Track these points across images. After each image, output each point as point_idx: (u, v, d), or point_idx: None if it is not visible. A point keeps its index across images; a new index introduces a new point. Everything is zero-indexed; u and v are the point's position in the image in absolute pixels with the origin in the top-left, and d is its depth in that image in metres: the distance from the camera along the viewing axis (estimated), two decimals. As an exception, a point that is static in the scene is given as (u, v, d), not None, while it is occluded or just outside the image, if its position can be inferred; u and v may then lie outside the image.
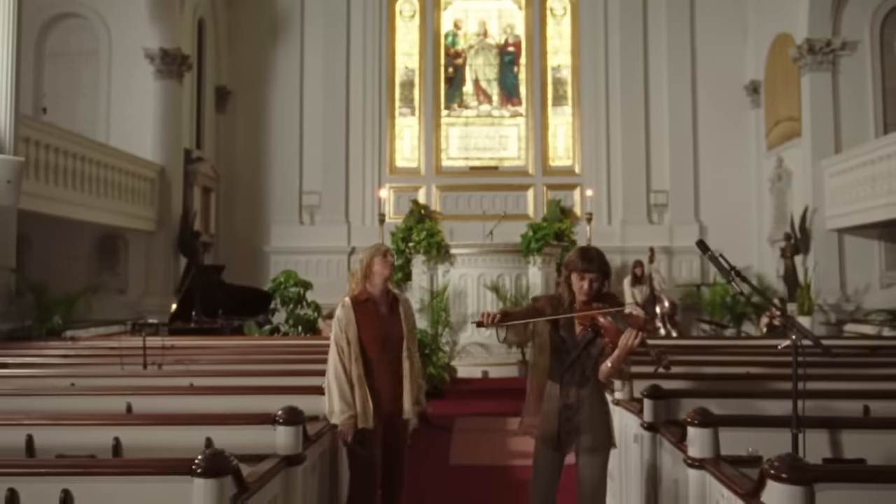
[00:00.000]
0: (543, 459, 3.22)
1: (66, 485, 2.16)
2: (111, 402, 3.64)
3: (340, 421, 3.45)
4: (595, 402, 3.19)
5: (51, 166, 9.65)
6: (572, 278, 3.20)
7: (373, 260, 3.67)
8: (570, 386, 3.16)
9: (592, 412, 3.16)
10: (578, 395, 3.16)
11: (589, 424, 3.15)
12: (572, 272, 3.19)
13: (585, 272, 3.15)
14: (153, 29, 12.46)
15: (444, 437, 6.98)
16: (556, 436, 3.16)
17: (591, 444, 3.14)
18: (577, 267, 3.17)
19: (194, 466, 2.14)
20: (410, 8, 15.41)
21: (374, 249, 3.75)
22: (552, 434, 3.17)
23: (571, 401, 3.15)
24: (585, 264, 3.16)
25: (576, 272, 3.17)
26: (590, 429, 3.15)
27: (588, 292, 3.14)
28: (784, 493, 1.98)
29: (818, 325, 11.61)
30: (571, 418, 3.15)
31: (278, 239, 14.70)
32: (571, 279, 3.20)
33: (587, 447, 3.15)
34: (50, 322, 8.14)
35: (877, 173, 10.73)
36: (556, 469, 3.23)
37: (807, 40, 12.09)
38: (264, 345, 7.24)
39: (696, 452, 2.81)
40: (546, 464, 3.22)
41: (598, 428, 3.17)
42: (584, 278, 3.15)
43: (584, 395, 3.16)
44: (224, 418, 3.11)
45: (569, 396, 3.16)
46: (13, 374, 4.86)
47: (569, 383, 3.16)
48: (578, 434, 3.15)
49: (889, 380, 4.14)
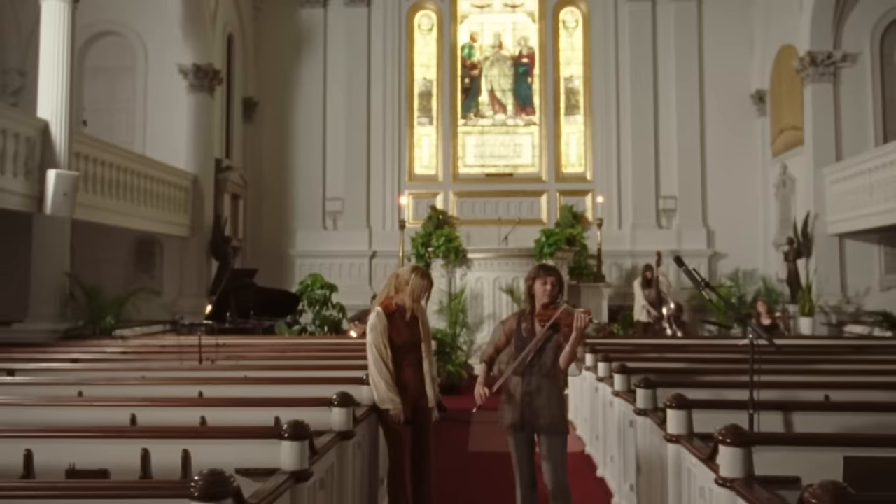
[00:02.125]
0: (517, 442, 3.89)
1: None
2: (185, 390, 4.33)
3: (392, 407, 4.16)
4: (552, 390, 3.85)
5: (97, 178, 10.39)
6: (536, 285, 3.89)
7: (418, 293, 4.29)
8: (531, 376, 3.82)
9: (550, 398, 3.82)
10: (538, 384, 3.82)
11: (547, 408, 3.80)
12: (535, 280, 3.90)
13: (547, 276, 3.88)
14: (186, 46, 13.20)
15: (462, 428, 7.61)
16: (521, 417, 3.81)
17: (549, 424, 3.79)
18: (539, 275, 3.92)
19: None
20: (428, 22, 16.09)
21: (424, 283, 4.33)
22: (517, 417, 3.82)
23: (532, 388, 3.81)
24: (545, 272, 3.92)
25: (538, 279, 3.90)
26: (548, 412, 3.80)
27: (550, 294, 3.85)
28: (728, 454, 2.61)
29: (819, 326, 12.14)
30: (531, 403, 3.81)
31: (303, 243, 15.40)
32: (535, 286, 3.89)
33: (546, 427, 3.79)
34: (103, 322, 8.87)
35: (875, 181, 11.23)
36: (529, 448, 3.90)
37: (809, 53, 12.60)
38: (298, 343, 7.94)
39: (674, 430, 3.44)
40: (520, 445, 3.88)
41: (555, 411, 3.83)
42: (546, 283, 3.86)
43: (542, 383, 3.82)
44: (286, 401, 3.79)
45: (530, 384, 3.82)
46: (91, 367, 5.56)
47: (529, 374, 3.82)
48: (538, 416, 3.80)
49: (849, 374, 4.75)
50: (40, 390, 4.45)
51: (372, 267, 15.22)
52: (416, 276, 4.32)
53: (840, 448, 2.67)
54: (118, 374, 5.16)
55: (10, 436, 2.95)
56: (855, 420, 3.49)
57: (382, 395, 4.18)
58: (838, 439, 2.91)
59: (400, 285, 4.33)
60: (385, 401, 4.18)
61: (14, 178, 8.35)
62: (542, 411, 3.80)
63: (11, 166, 8.31)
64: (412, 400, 4.30)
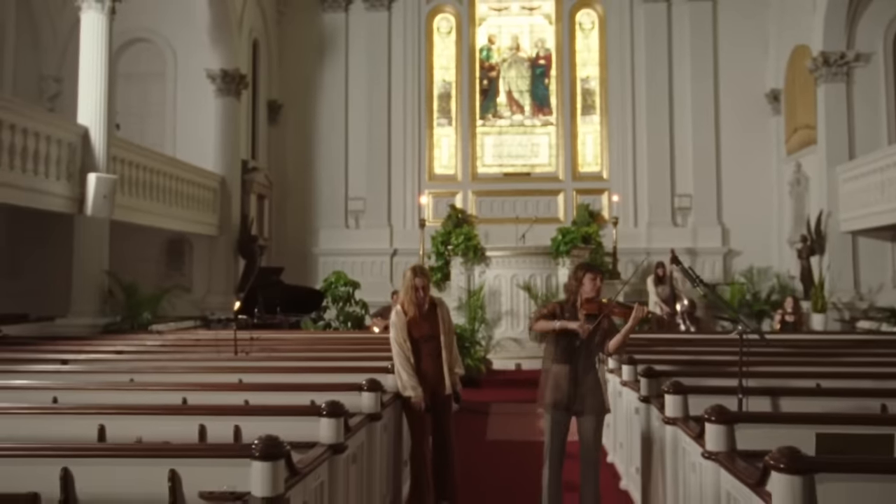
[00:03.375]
0: (556, 422, 4.28)
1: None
2: (227, 377, 4.75)
3: (414, 395, 4.58)
4: (595, 376, 4.25)
5: (132, 180, 10.89)
6: (586, 279, 4.27)
7: (412, 294, 4.71)
8: (579, 361, 4.20)
9: (594, 383, 4.23)
10: (585, 371, 4.21)
11: (591, 392, 4.20)
12: (586, 274, 4.28)
13: (597, 273, 4.32)
14: (214, 52, 13.68)
15: (481, 419, 8.01)
16: (566, 399, 4.19)
17: (592, 407, 4.21)
18: (591, 269, 4.35)
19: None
20: (447, 25, 16.46)
21: (415, 282, 4.72)
22: (562, 399, 4.21)
23: (580, 373, 4.20)
24: (595, 270, 4.37)
25: (589, 273, 4.32)
26: (591, 395, 4.21)
27: (598, 288, 4.24)
28: (713, 431, 2.97)
29: (832, 322, 12.35)
30: (578, 387, 4.20)
31: (326, 241, 15.86)
32: (585, 280, 4.25)
33: (588, 410, 4.21)
34: (140, 318, 9.37)
35: (886, 179, 11.43)
36: (566, 427, 4.28)
37: (822, 53, 12.80)
38: (325, 337, 8.35)
39: (671, 413, 3.79)
40: (558, 425, 4.27)
41: (597, 395, 4.24)
42: (595, 278, 4.29)
43: (588, 370, 4.21)
44: (319, 386, 4.19)
45: (577, 372, 4.20)
46: (137, 358, 6.01)
47: (576, 362, 4.20)
48: (584, 399, 4.19)
49: (844, 365, 5.07)
50: (95, 378, 4.89)
51: (393, 264, 15.63)
52: (408, 273, 4.78)
53: (814, 426, 3.01)
54: (164, 363, 5.60)
55: (84, 413, 3.38)
56: (839, 404, 3.81)
57: (405, 383, 4.58)
58: (811, 417, 3.24)
59: (404, 284, 4.76)
60: (407, 388, 4.58)
61: (57, 181, 8.86)
62: (587, 395, 4.22)
63: (55, 170, 8.82)
64: (431, 388, 4.69)
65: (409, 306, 4.72)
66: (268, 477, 2.40)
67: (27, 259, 12.76)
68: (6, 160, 8.06)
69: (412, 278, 4.74)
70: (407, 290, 4.73)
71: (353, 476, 3.52)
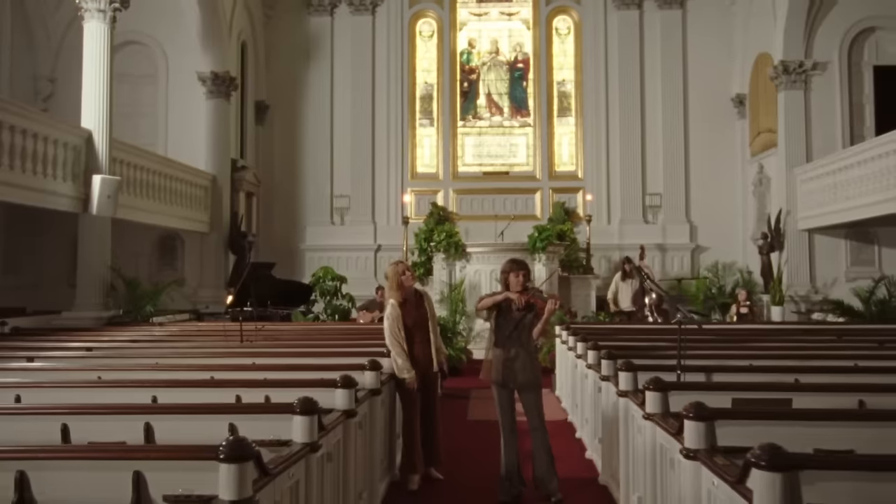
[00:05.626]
0: (501, 396, 5.07)
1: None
2: (242, 360, 5.41)
3: (408, 376, 5.31)
4: (527, 356, 5.03)
5: (129, 180, 11.41)
6: (510, 277, 5.00)
7: (399, 278, 5.44)
8: (511, 347, 4.98)
9: (525, 362, 5.00)
10: (516, 352, 4.99)
11: (523, 370, 4.98)
12: (510, 273, 5.00)
13: (519, 270, 5.02)
14: (204, 55, 14.19)
15: (463, 402, 8.77)
16: (503, 377, 5.00)
17: (525, 381, 5.00)
18: (513, 269, 5.07)
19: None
20: (429, 29, 17.10)
21: (399, 269, 5.49)
22: (500, 377, 5.01)
23: (511, 355, 4.99)
24: (518, 266, 5.07)
25: (512, 272, 5.05)
26: (523, 373, 4.99)
27: (522, 283, 4.96)
28: (651, 397, 3.69)
29: (790, 314, 13.24)
30: (511, 366, 4.98)
31: (312, 238, 16.47)
32: (510, 278, 4.99)
33: (523, 384, 5.01)
34: (143, 310, 9.95)
35: (838, 182, 12.30)
36: (511, 400, 5.08)
37: (782, 62, 13.64)
38: (321, 328, 9.02)
39: (623, 387, 4.51)
40: (503, 398, 5.07)
41: (529, 372, 5.02)
42: (518, 275, 5.00)
43: (519, 352, 5.00)
44: (328, 367, 4.87)
45: (510, 353, 4.99)
46: (151, 346, 6.64)
47: (509, 345, 4.98)
48: (517, 376, 4.99)
49: (778, 349, 5.88)
50: (121, 362, 5.52)
51: (377, 260, 16.27)
52: (392, 267, 5.56)
53: (732, 392, 3.76)
54: (181, 349, 6.24)
55: (136, 386, 4.03)
56: (766, 377, 4.56)
57: (401, 366, 5.31)
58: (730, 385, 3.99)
59: (397, 283, 5.46)
60: (403, 371, 5.31)
61: (63, 182, 9.40)
62: (519, 372, 4.98)
63: (61, 172, 9.35)
64: (422, 370, 5.43)
65: (397, 293, 5.40)
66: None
67: (23, 255, 13.25)
68: (18, 163, 8.59)
69: (397, 270, 5.46)
70: (396, 281, 5.42)
71: (361, 441, 4.21)
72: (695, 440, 2.91)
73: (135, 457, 2.60)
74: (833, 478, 2.29)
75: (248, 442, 2.45)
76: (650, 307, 12.61)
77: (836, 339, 7.16)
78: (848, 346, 6.39)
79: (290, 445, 2.98)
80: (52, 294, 12.46)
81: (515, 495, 4.99)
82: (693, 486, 2.94)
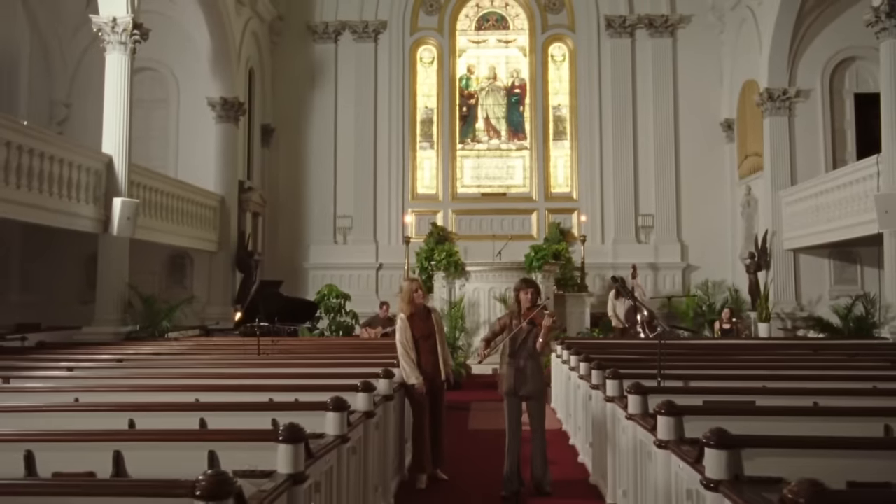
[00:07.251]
0: (510, 403, 5.62)
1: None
2: (264, 370, 5.93)
3: (417, 383, 5.85)
4: (534, 366, 5.59)
5: (146, 201, 11.93)
6: (520, 295, 5.58)
7: (412, 294, 5.98)
8: (520, 358, 5.53)
9: (533, 373, 5.56)
10: (524, 363, 5.54)
11: (531, 380, 5.53)
12: (520, 291, 5.60)
13: (528, 288, 5.66)
14: (214, 81, 14.81)
15: (464, 414, 9.26)
16: (513, 386, 5.53)
17: (532, 391, 5.55)
18: (522, 287, 5.70)
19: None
20: (430, 55, 17.77)
21: (413, 286, 6.05)
22: (510, 386, 5.54)
23: (521, 365, 5.54)
24: (526, 285, 5.72)
25: (522, 290, 5.65)
26: (531, 382, 5.54)
27: (531, 300, 5.55)
28: (633, 399, 4.22)
29: (776, 330, 13.77)
30: (520, 376, 5.53)
31: (316, 256, 17.00)
32: (520, 295, 5.57)
33: (530, 393, 5.56)
34: (159, 326, 10.46)
35: (821, 204, 12.89)
36: (519, 407, 5.62)
37: (767, 89, 14.28)
38: (331, 342, 9.53)
39: (610, 393, 5.04)
40: (511, 405, 5.62)
41: (537, 383, 5.59)
42: (527, 293, 5.62)
43: (528, 363, 5.55)
44: (345, 375, 5.39)
45: (519, 364, 5.53)
46: (176, 358, 7.15)
47: (518, 357, 5.53)
48: (525, 385, 5.53)
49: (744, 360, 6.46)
50: (152, 371, 6.03)
51: (378, 278, 16.81)
52: (407, 283, 6.14)
53: (703, 395, 4.29)
54: (208, 360, 6.76)
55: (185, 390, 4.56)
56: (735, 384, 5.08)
57: (409, 373, 5.84)
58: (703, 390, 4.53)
59: (409, 297, 6.01)
60: (411, 377, 5.86)
61: (86, 204, 9.94)
62: (527, 382, 5.52)
63: (84, 194, 9.90)
64: (429, 377, 5.97)
65: (408, 306, 5.95)
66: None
67: (36, 273, 13.75)
68: (45, 186, 9.14)
69: (412, 287, 6.01)
70: (409, 296, 5.98)
71: (377, 439, 4.73)
72: (665, 432, 3.44)
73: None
74: (770, 454, 2.83)
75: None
76: (642, 323, 13.14)
77: (813, 352, 7.71)
78: (822, 359, 6.95)
79: (324, 437, 3.51)
80: (63, 311, 12.95)
81: (515, 492, 5.51)
82: (664, 472, 3.46)
